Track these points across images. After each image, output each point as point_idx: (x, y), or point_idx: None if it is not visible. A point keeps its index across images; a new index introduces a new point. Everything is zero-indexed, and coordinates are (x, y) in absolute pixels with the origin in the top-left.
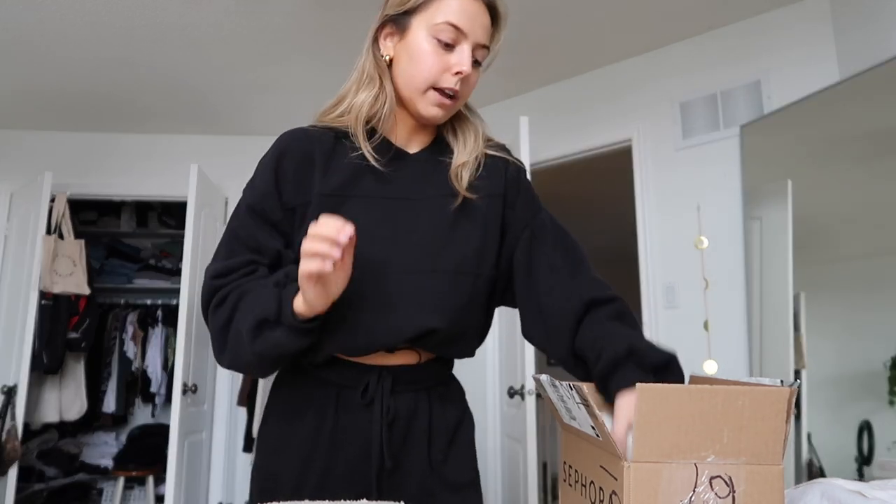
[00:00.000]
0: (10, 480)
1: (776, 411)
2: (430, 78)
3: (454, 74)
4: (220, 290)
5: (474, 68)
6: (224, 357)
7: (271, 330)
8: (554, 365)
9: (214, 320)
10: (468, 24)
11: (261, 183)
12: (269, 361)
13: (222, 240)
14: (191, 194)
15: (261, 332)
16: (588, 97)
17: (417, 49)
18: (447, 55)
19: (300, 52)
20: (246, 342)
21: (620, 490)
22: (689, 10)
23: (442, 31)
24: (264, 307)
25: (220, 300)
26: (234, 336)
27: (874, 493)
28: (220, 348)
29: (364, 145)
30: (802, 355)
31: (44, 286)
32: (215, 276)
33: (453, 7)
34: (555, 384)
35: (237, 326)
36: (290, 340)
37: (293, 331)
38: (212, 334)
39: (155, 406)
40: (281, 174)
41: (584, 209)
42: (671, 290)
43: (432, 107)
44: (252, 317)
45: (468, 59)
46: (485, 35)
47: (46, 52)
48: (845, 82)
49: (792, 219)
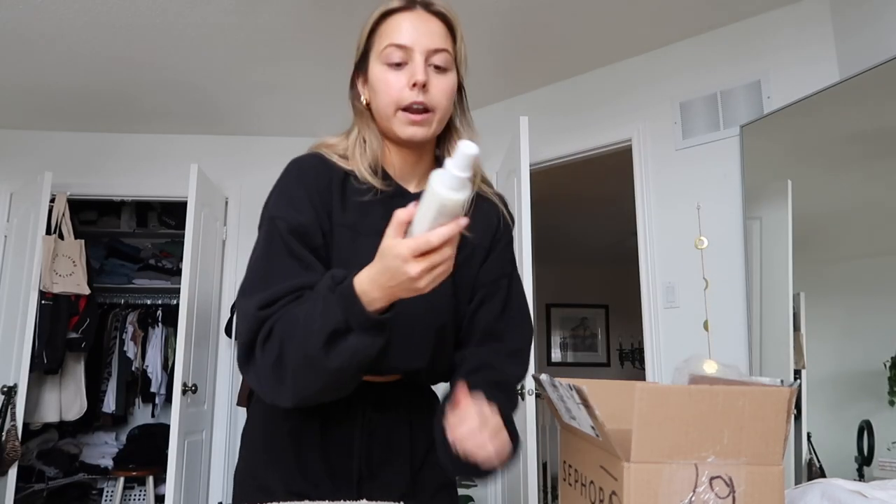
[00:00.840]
0: (10, 480)
1: (776, 411)
2: (391, 101)
3: (412, 88)
4: (266, 321)
5: (440, 74)
6: (283, 391)
7: (345, 339)
8: (553, 365)
9: (265, 356)
10: (410, 37)
11: (298, 203)
12: (348, 376)
13: (258, 265)
14: (191, 194)
15: (334, 346)
16: (588, 97)
17: (375, 80)
18: (401, 73)
19: (300, 53)
20: (318, 363)
21: (620, 490)
22: (689, 10)
23: (388, 55)
24: (329, 318)
25: (268, 333)
26: (295, 365)
27: (874, 493)
28: (276, 384)
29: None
30: (802, 355)
31: (44, 286)
32: (262, 307)
33: (393, 28)
34: (555, 384)
35: (297, 353)
36: (369, 342)
37: (370, 330)
38: (261, 372)
39: (155, 406)
40: (313, 197)
41: (584, 209)
42: (671, 290)
43: (407, 127)
44: (318, 334)
45: (420, 68)
46: (436, 39)
47: (46, 52)
48: (845, 82)
49: (792, 219)
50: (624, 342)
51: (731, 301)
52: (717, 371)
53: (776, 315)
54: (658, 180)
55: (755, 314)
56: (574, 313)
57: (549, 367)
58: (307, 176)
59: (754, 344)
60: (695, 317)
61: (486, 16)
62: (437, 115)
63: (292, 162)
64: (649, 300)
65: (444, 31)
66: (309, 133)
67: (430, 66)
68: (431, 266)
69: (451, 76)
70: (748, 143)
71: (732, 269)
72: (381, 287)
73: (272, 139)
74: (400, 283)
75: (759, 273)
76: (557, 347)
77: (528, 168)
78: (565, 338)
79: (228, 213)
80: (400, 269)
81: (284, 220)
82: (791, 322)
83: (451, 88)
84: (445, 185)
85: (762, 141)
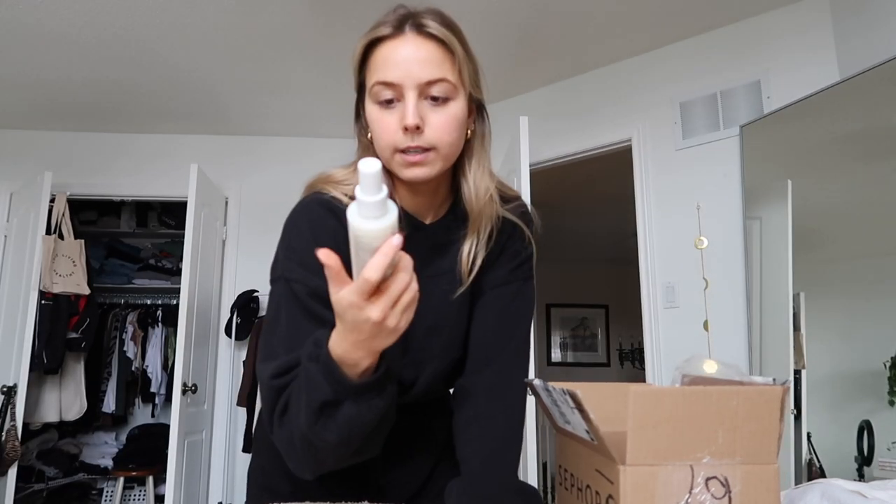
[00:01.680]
0: (10, 480)
1: (769, 410)
2: (387, 145)
3: (404, 133)
4: (283, 393)
5: (438, 106)
6: (307, 468)
7: (337, 410)
8: (553, 365)
9: (282, 432)
10: (399, 72)
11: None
12: (357, 443)
13: (278, 331)
14: (191, 194)
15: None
16: (588, 97)
17: (370, 120)
18: (393, 113)
19: (301, 53)
20: (317, 440)
21: (616, 493)
22: (689, 10)
23: (378, 93)
24: (315, 392)
25: (284, 407)
26: (301, 447)
27: (874, 493)
28: (299, 461)
29: None
30: (802, 355)
31: (44, 286)
32: (276, 376)
33: (380, 62)
34: (548, 388)
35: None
36: (364, 408)
37: (362, 396)
38: (282, 446)
39: (155, 406)
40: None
41: (584, 209)
42: (671, 290)
43: (405, 170)
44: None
45: (411, 110)
46: (428, 69)
47: (46, 52)
48: (845, 82)
49: (792, 219)
50: (624, 342)
51: (731, 301)
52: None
53: (776, 315)
54: (658, 180)
55: (755, 314)
56: (574, 313)
57: (549, 367)
58: (318, 231)
59: (754, 344)
60: (695, 317)
61: (487, 16)
62: (441, 152)
63: (299, 211)
64: (649, 300)
65: (441, 56)
66: (309, 133)
67: (427, 100)
68: (391, 301)
69: (453, 106)
70: (748, 143)
71: (732, 269)
72: (354, 345)
73: (272, 139)
74: (369, 333)
75: (759, 273)
76: (557, 347)
77: (528, 168)
78: (565, 338)
79: (228, 213)
80: (359, 318)
81: (303, 283)
82: (791, 322)
83: (455, 118)
84: (359, 214)
85: (762, 141)
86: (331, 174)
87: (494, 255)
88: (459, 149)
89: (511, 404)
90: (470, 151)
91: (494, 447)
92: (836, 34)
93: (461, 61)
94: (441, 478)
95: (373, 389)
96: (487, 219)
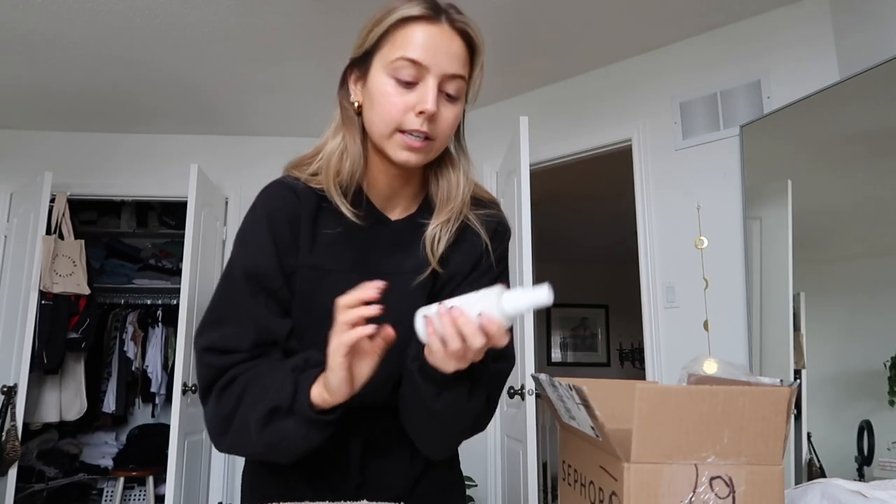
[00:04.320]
0: (10, 480)
1: (776, 411)
2: (391, 121)
3: (418, 115)
4: (228, 370)
5: (449, 103)
6: (223, 442)
7: (283, 420)
8: (553, 365)
9: (220, 405)
10: (429, 56)
11: (256, 244)
12: (278, 454)
13: (216, 304)
14: (191, 194)
15: (270, 422)
16: (588, 97)
17: (377, 92)
18: (409, 94)
19: (300, 53)
20: (253, 431)
21: (620, 490)
22: (689, 10)
23: (399, 68)
24: (277, 393)
25: (228, 382)
26: (239, 423)
27: (874, 493)
28: (219, 432)
29: (344, 209)
30: (802, 355)
31: (44, 286)
32: (219, 352)
33: (410, 39)
34: (554, 384)
35: (240, 415)
36: (302, 433)
37: (307, 422)
38: (212, 417)
39: (155, 406)
40: (276, 235)
41: (584, 209)
42: (671, 290)
43: (401, 151)
44: (262, 404)
45: (432, 95)
46: (455, 64)
47: (46, 52)
48: (845, 82)
49: (792, 219)
50: (624, 342)
51: (731, 301)
52: (720, 370)
53: (776, 315)
54: (658, 180)
55: (755, 314)
56: (574, 313)
57: (549, 366)
58: (270, 211)
59: (754, 344)
60: (695, 317)
61: (486, 15)
62: (437, 144)
63: (261, 192)
64: (649, 300)
65: (465, 55)
66: (309, 133)
67: (442, 94)
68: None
69: (459, 106)
70: (748, 143)
71: (732, 269)
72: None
73: (272, 139)
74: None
75: (759, 273)
76: (557, 347)
77: (528, 168)
78: (565, 338)
79: (228, 213)
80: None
81: (239, 262)
82: (791, 322)
83: (457, 119)
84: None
85: (762, 141)
86: (299, 157)
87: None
88: (446, 145)
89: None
90: (448, 153)
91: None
92: (836, 34)
93: (477, 68)
94: (431, 483)
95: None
96: (456, 212)
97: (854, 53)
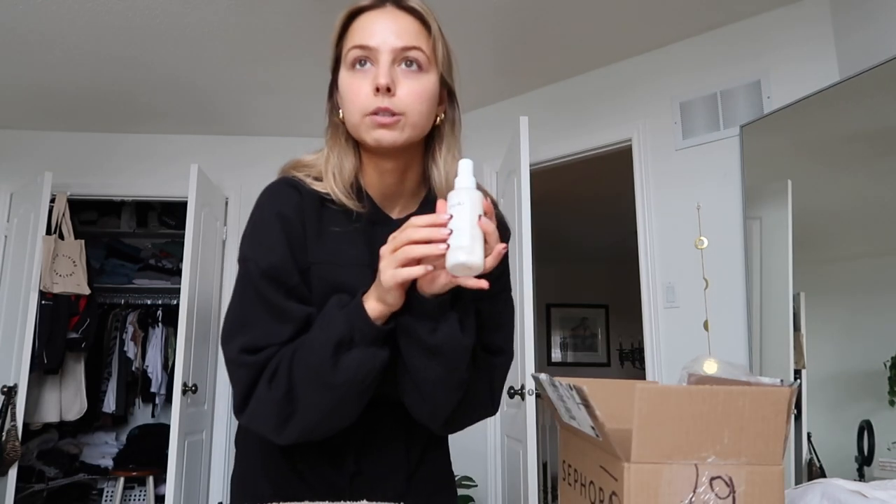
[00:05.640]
0: (10, 480)
1: (776, 411)
2: (358, 108)
3: (375, 93)
4: (269, 363)
5: (412, 74)
6: (291, 427)
7: (349, 351)
8: (553, 365)
9: (272, 392)
10: (374, 37)
11: (269, 243)
12: (353, 393)
13: (235, 311)
14: (191, 194)
15: (338, 359)
16: (588, 97)
17: (342, 87)
18: (367, 78)
19: (300, 53)
20: (325, 379)
21: (621, 490)
22: (689, 10)
23: (351, 57)
24: (333, 331)
25: (273, 371)
26: (302, 390)
27: (874, 493)
28: (284, 419)
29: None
30: (802, 355)
31: (44, 286)
32: (256, 350)
33: (357, 28)
34: (554, 383)
35: (302, 378)
36: (372, 354)
37: (374, 341)
38: (269, 408)
39: (155, 406)
40: (288, 232)
41: (584, 209)
42: (671, 290)
43: (373, 131)
44: (324, 348)
45: (384, 69)
46: (405, 37)
47: (46, 53)
48: (845, 82)
49: (792, 219)
50: (624, 342)
51: (731, 301)
52: (720, 370)
53: (776, 315)
54: (658, 180)
55: (755, 314)
56: (574, 313)
57: (549, 366)
58: (279, 208)
59: (754, 344)
60: (695, 317)
61: (486, 15)
62: (410, 119)
63: (264, 191)
64: (649, 300)
65: (418, 28)
66: (309, 133)
67: (400, 66)
68: (394, 247)
69: (426, 77)
70: (748, 143)
71: (732, 269)
72: (374, 288)
73: (272, 139)
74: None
75: (759, 273)
76: (557, 347)
77: (528, 168)
78: (565, 338)
79: (228, 213)
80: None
81: (255, 261)
82: (791, 322)
83: (427, 90)
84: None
85: (762, 141)
86: (300, 159)
87: None
88: (429, 124)
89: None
90: (441, 137)
91: None
92: (836, 34)
93: (436, 38)
94: (425, 482)
95: (382, 337)
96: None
97: (854, 53)
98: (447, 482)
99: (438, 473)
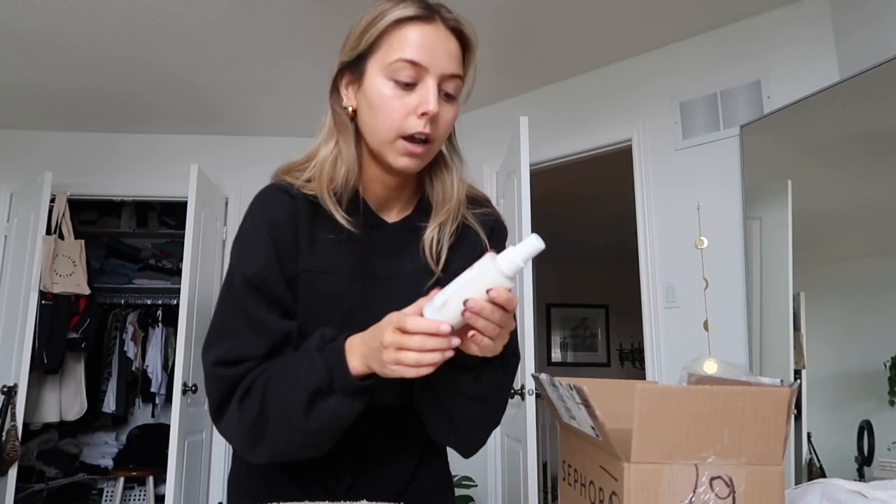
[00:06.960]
0: (10, 480)
1: (776, 411)
2: (394, 127)
3: (420, 116)
4: (243, 379)
5: (447, 102)
6: (260, 449)
7: (327, 399)
8: (553, 365)
9: (244, 414)
10: (428, 56)
11: (256, 251)
12: (325, 437)
13: (220, 316)
14: (191, 194)
15: (314, 407)
16: (588, 97)
17: (375, 96)
18: (409, 96)
19: (300, 53)
20: (297, 422)
21: (621, 490)
22: (689, 10)
23: (398, 70)
24: (311, 377)
25: (246, 390)
26: (274, 423)
27: (874, 493)
28: (252, 441)
29: (339, 216)
30: (802, 355)
31: (44, 286)
32: (231, 363)
33: (407, 40)
34: (554, 383)
35: (274, 413)
36: (348, 406)
37: (352, 393)
38: (238, 430)
39: (155, 406)
40: (277, 240)
41: (584, 209)
42: (671, 290)
43: (402, 157)
44: (299, 392)
45: (433, 96)
46: (452, 64)
47: (46, 53)
48: (845, 82)
49: (792, 219)
50: (624, 342)
51: (731, 301)
52: (720, 370)
53: (776, 315)
54: (658, 180)
55: (755, 314)
56: (574, 313)
57: (549, 367)
58: (270, 215)
59: (754, 344)
60: (695, 317)
61: (487, 15)
62: (434, 146)
63: (256, 196)
64: (649, 300)
65: (460, 54)
66: (309, 133)
67: (441, 94)
68: (399, 346)
69: (455, 106)
70: (748, 143)
71: (732, 269)
72: (362, 345)
73: (272, 139)
74: (374, 347)
75: (759, 273)
76: (557, 347)
77: (528, 168)
78: (565, 338)
79: (228, 213)
80: (378, 330)
81: (240, 269)
82: (791, 322)
83: (453, 119)
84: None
85: (762, 141)
86: (290, 163)
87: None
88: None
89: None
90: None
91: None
92: (836, 34)
93: (471, 67)
94: (424, 484)
95: (361, 391)
96: (454, 213)
97: (854, 53)
98: (445, 484)
99: (436, 476)
